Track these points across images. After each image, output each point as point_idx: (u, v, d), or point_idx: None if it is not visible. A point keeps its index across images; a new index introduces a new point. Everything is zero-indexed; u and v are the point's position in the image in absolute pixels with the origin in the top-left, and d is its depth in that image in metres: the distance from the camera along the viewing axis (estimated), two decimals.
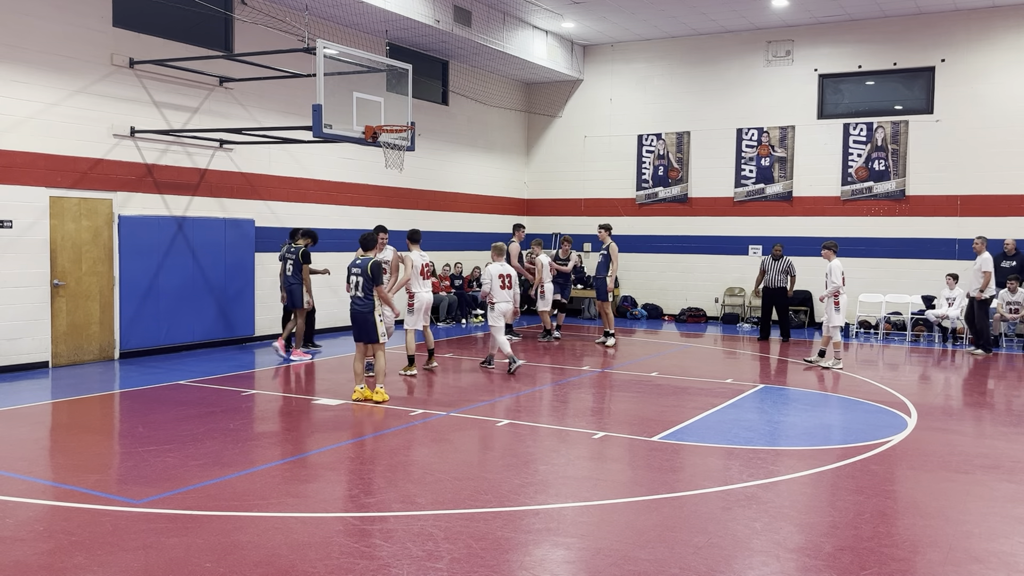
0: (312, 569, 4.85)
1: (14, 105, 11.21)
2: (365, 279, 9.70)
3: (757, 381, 11.56)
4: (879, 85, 18.39)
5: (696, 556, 5.14)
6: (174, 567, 4.85)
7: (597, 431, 8.44)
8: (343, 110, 11.39)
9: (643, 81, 20.30)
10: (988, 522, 5.90)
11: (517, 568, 5.00)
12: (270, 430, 8.42)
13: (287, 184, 15.32)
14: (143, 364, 12.20)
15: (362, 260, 9.84)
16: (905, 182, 17.85)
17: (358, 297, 9.79)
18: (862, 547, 5.37)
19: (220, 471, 6.83)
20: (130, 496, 6.12)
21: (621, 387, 10.95)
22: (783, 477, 6.94)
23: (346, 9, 14.43)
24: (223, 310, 14.10)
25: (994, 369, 13.40)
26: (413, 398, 10.17)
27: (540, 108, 21.67)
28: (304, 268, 12.97)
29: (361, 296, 9.76)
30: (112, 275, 12.50)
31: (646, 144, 20.34)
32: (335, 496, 6.30)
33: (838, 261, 12.81)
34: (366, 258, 9.83)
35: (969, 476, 7.09)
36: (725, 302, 19.48)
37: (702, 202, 19.79)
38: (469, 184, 20.04)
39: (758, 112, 19.12)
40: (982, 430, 8.93)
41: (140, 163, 12.79)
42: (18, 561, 4.92)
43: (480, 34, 16.98)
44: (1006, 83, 16.96)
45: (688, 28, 18.97)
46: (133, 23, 12.65)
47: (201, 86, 13.57)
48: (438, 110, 18.86)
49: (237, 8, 13.84)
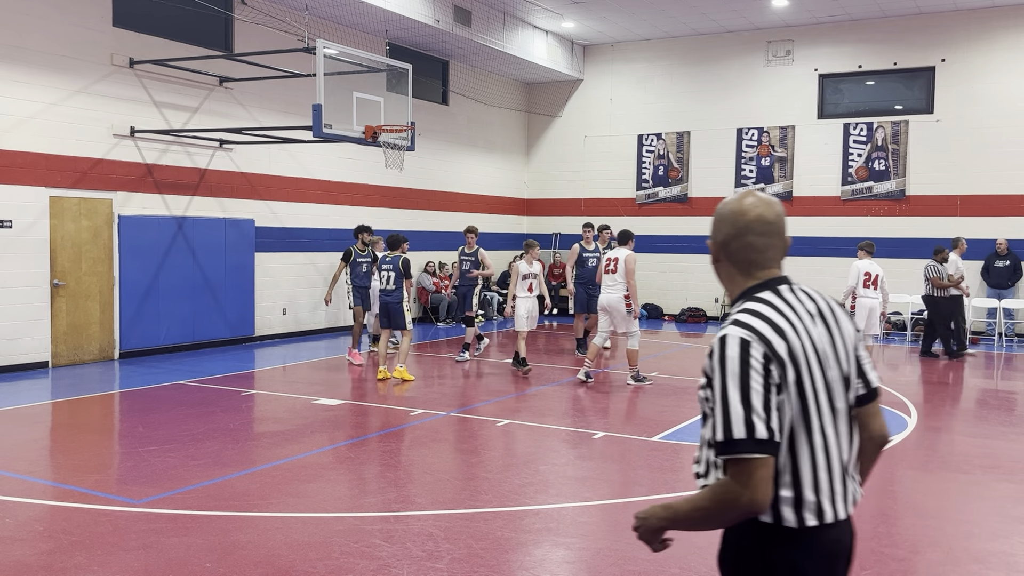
0: (312, 569, 4.85)
1: (14, 105, 11.21)
2: (396, 274, 11.05)
3: None
4: (879, 85, 18.39)
5: (696, 556, 5.14)
6: (174, 567, 4.85)
7: (597, 431, 8.44)
8: (343, 110, 11.40)
9: (643, 81, 20.30)
10: (988, 522, 5.90)
11: (517, 568, 5.00)
12: (270, 430, 8.42)
13: (287, 184, 15.32)
14: (143, 364, 12.20)
15: (392, 257, 11.14)
16: (905, 182, 17.85)
17: (389, 289, 11.11)
18: (862, 547, 5.36)
19: (220, 471, 6.83)
20: (130, 496, 6.12)
21: (621, 387, 10.94)
22: None
23: (346, 9, 14.43)
24: (223, 310, 14.10)
25: (994, 369, 13.40)
26: (413, 398, 10.17)
27: (540, 108, 21.67)
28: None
29: (392, 288, 11.10)
30: (112, 275, 12.50)
31: (646, 144, 20.34)
32: (335, 496, 6.30)
33: (864, 262, 12.01)
34: (396, 255, 11.13)
35: (969, 476, 7.09)
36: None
37: (702, 202, 19.78)
38: (469, 184, 20.04)
39: (758, 112, 19.12)
40: (982, 430, 8.93)
41: (140, 163, 12.79)
42: (18, 561, 4.92)
43: (480, 34, 16.97)
44: (1006, 83, 16.96)
45: (688, 28, 18.96)
46: (133, 23, 12.64)
47: (201, 86, 13.57)
48: (438, 110, 18.86)
49: (237, 8, 13.83)
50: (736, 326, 2.20)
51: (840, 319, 2.33)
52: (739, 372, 2.13)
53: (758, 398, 2.11)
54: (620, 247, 11.09)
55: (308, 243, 15.74)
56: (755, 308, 2.23)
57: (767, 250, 2.32)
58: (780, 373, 2.15)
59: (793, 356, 2.17)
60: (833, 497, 2.23)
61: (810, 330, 2.23)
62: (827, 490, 2.22)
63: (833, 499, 2.23)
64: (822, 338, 2.25)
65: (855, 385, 2.33)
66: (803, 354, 2.19)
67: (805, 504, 2.19)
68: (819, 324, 2.26)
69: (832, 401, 2.24)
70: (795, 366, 2.17)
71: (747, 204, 2.33)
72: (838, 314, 2.33)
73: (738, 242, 2.32)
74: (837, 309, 2.34)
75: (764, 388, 2.12)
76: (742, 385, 2.12)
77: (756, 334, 2.16)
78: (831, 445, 2.23)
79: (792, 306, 2.25)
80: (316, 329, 15.98)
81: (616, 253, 11.00)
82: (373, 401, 9.88)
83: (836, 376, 2.25)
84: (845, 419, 2.28)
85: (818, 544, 2.22)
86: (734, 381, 2.12)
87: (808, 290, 2.34)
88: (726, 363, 2.15)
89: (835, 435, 2.24)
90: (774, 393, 2.13)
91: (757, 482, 2.09)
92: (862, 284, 11.94)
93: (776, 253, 2.33)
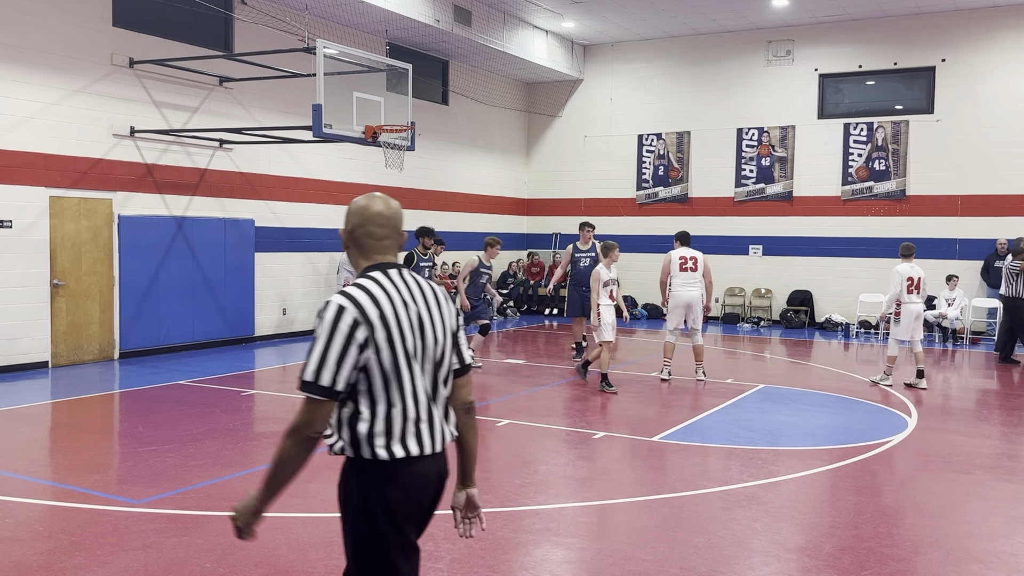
0: (312, 569, 4.85)
1: (14, 105, 11.21)
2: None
3: (757, 381, 11.55)
4: (879, 85, 18.39)
5: (696, 556, 5.14)
6: (174, 567, 4.85)
7: (597, 431, 8.44)
8: (343, 110, 11.39)
9: (643, 81, 20.30)
10: (988, 522, 5.90)
11: (517, 568, 4.99)
12: (270, 430, 8.42)
13: (287, 184, 15.32)
14: (143, 364, 12.20)
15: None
16: (905, 182, 17.85)
17: None
18: (862, 547, 5.36)
19: (220, 471, 6.83)
20: (130, 496, 6.12)
21: (621, 387, 10.93)
22: (783, 477, 6.93)
23: (346, 9, 14.43)
24: (223, 310, 14.10)
25: (994, 369, 13.39)
26: None
27: (540, 108, 21.67)
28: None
29: None
30: (112, 275, 12.49)
31: (646, 144, 20.33)
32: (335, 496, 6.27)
33: (905, 266, 11.25)
34: None
35: (969, 476, 7.08)
36: (725, 302, 19.47)
37: (702, 202, 19.78)
38: (469, 184, 20.04)
39: (758, 112, 19.12)
40: (982, 430, 8.93)
41: (140, 163, 12.78)
42: (18, 561, 4.91)
43: (480, 34, 16.97)
44: (1006, 83, 16.96)
45: (688, 28, 18.96)
46: (133, 23, 12.64)
47: (201, 86, 13.57)
48: (438, 110, 18.85)
49: (237, 8, 13.83)
50: (341, 295, 2.70)
51: (442, 304, 2.89)
52: (328, 331, 2.64)
53: (334, 354, 2.63)
54: (683, 247, 11.71)
55: (308, 243, 15.73)
56: (362, 283, 2.75)
57: (384, 239, 2.86)
58: (369, 333, 2.65)
59: (385, 320, 2.68)
60: (419, 435, 2.75)
61: (407, 303, 2.76)
62: (413, 430, 2.74)
63: (419, 437, 2.75)
64: (417, 312, 2.78)
65: (449, 358, 2.89)
66: (395, 320, 2.70)
67: (392, 440, 2.71)
68: (419, 302, 2.80)
69: (423, 361, 2.77)
70: (386, 328, 2.68)
71: (370, 201, 2.88)
72: (441, 301, 2.89)
73: (361, 231, 2.84)
74: (442, 297, 2.91)
75: (343, 347, 2.63)
76: (327, 342, 2.63)
77: (353, 302, 2.67)
78: (419, 394, 2.75)
79: (395, 284, 2.78)
80: None
81: (692, 252, 11.55)
82: None
83: (429, 343, 2.79)
84: (431, 377, 2.81)
85: (404, 475, 2.74)
86: (322, 337, 2.65)
87: (417, 277, 2.89)
88: (323, 322, 2.66)
89: (423, 386, 2.77)
90: (355, 350, 2.64)
91: (315, 417, 2.66)
92: (906, 290, 11.14)
93: (391, 243, 2.88)
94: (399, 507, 2.74)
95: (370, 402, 2.70)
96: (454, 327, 2.92)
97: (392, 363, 2.69)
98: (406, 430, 2.72)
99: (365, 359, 2.66)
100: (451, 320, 2.90)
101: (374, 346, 2.66)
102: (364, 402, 2.70)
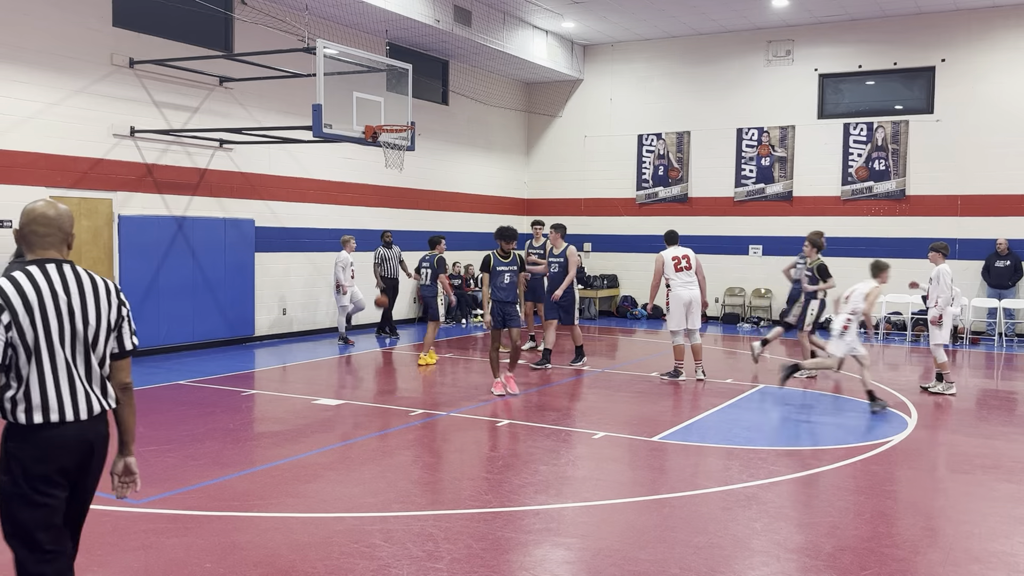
0: (312, 569, 4.85)
1: (14, 105, 11.21)
2: (432, 270, 12.56)
3: (757, 381, 11.56)
4: (879, 85, 18.39)
5: (696, 556, 5.14)
6: (174, 567, 4.85)
7: (597, 431, 8.44)
8: (343, 110, 11.39)
9: (643, 81, 20.29)
10: (988, 522, 5.90)
11: (517, 568, 5.00)
12: (270, 430, 8.42)
13: (287, 184, 15.32)
14: (143, 364, 12.19)
15: (430, 256, 12.63)
16: (905, 182, 17.85)
17: (426, 285, 12.72)
18: (862, 547, 5.37)
19: (220, 471, 6.83)
20: (130, 496, 6.11)
21: (621, 387, 10.94)
22: (783, 477, 6.93)
23: (346, 9, 14.43)
24: (223, 310, 14.10)
25: (994, 369, 13.40)
26: (414, 398, 10.17)
27: (540, 108, 21.67)
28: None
29: (428, 284, 12.69)
30: (112, 275, 12.49)
31: (646, 144, 20.33)
32: (335, 496, 6.29)
33: (946, 265, 10.84)
34: (433, 254, 12.62)
35: (969, 476, 7.08)
36: (725, 302, 19.47)
37: (702, 202, 19.78)
38: (469, 184, 20.03)
39: (758, 112, 19.12)
40: (982, 430, 8.93)
41: (140, 163, 12.79)
42: None
43: (480, 34, 16.97)
44: (1006, 83, 16.95)
45: (688, 28, 18.96)
46: (133, 23, 12.64)
47: (201, 86, 13.57)
48: (438, 110, 18.85)
49: (237, 8, 13.83)
50: None
51: (100, 298, 3.38)
52: None
53: None
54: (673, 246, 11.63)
55: (308, 243, 15.73)
56: (14, 274, 3.23)
57: (46, 237, 3.34)
58: (12, 317, 3.16)
59: (28, 306, 3.18)
60: (61, 405, 3.25)
61: (57, 294, 3.25)
62: (54, 400, 3.24)
63: (61, 407, 3.25)
64: (68, 302, 3.26)
65: (105, 343, 3.40)
66: (39, 306, 3.20)
67: (32, 408, 3.21)
68: (72, 293, 3.29)
69: (73, 343, 3.29)
70: (29, 313, 3.18)
71: (38, 206, 3.36)
72: (101, 295, 3.39)
73: (27, 229, 3.32)
74: (103, 293, 3.40)
75: None
76: None
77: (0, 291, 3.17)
78: (59, 370, 3.25)
79: (49, 276, 3.27)
80: (316, 329, 15.98)
81: (683, 251, 11.54)
82: (373, 401, 9.88)
83: (79, 329, 3.29)
84: (83, 357, 3.32)
85: (40, 438, 3.24)
86: None
87: (82, 273, 3.37)
88: None
89: (72, 364, 3.28)
90: (1, 331, 3.15)
91: None
92: None
93: (54, 240, 3.35)
94: (34, 465, 3.22)
95: (16, 375, 3.22)
96: (113, 318, 3.43)
97: (34, 343, 3.20)
98: (47, 400, 3.23)
99: (11, 338, 3.18)
100: (108, 313, 3.40)
101: (16, 328, 3.17)
102: (12, 375, 3.22)
